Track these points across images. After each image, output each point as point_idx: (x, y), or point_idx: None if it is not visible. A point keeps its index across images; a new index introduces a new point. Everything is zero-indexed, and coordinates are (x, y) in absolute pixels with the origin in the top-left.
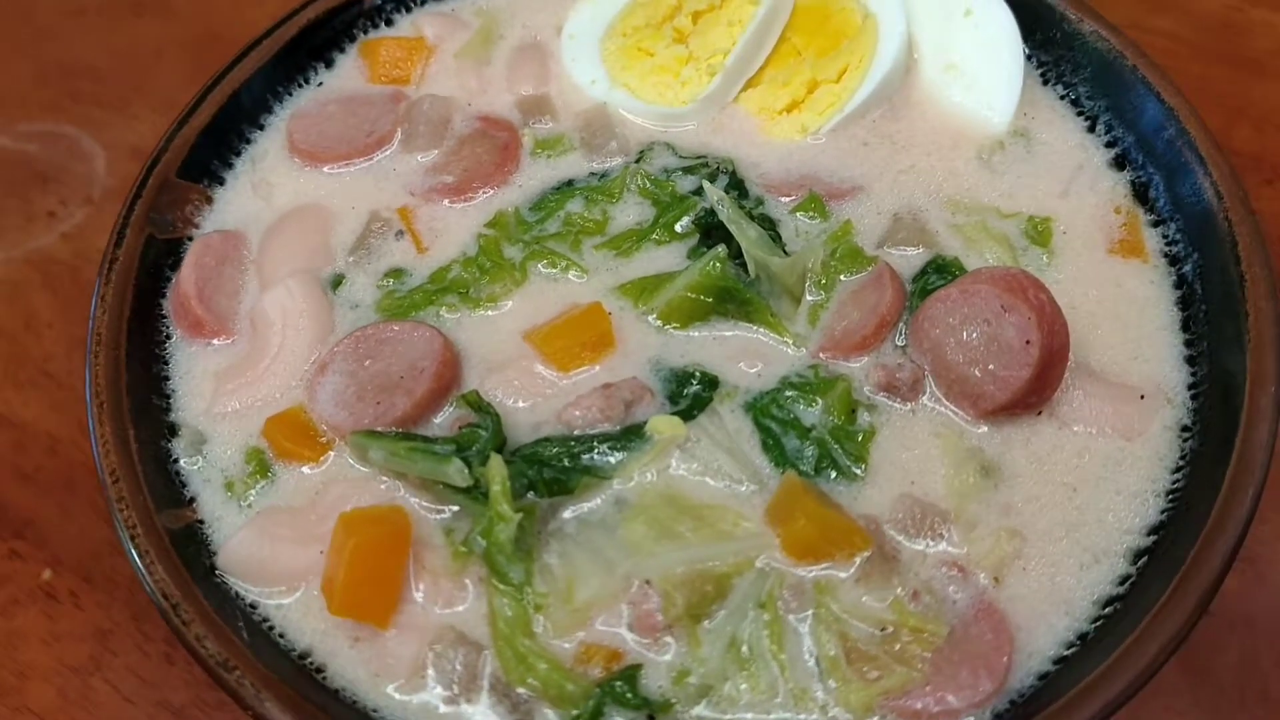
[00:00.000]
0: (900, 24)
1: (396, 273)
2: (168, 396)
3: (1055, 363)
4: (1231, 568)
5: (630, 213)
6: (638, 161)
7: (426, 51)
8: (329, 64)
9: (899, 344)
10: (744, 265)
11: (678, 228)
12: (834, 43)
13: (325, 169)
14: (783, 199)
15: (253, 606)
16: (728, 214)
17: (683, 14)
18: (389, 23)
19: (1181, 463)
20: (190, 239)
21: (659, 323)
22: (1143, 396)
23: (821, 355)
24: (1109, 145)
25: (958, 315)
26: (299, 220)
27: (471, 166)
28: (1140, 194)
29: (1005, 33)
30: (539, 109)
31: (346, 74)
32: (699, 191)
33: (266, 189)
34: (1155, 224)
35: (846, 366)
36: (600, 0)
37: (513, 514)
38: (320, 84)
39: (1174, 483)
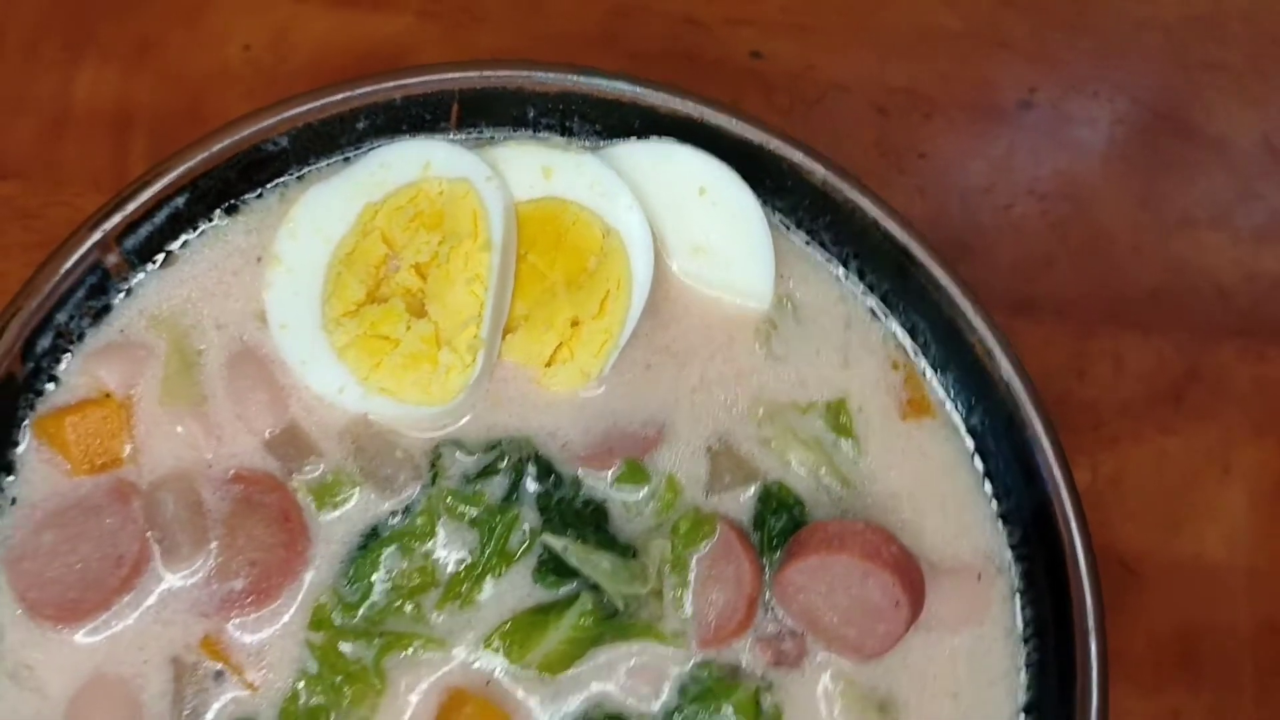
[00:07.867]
0: (645, 233)
1: None
2: None
3: (921, 603)
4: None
5: (453, 547)
6: (433, 481)
7: (122, 409)
8: (8, 468)
9: (767, 606)
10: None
11: (508, 548)
12: (579, 260)
13: (86, 627)
14: (601, 472)
15: None
16: (577, 560)
17: (400, 265)
18: (54, 379)
19: (1028, 632)
20: None
21: (542, 675)
22: (980, 576)
23: (704, 649)
24: (869, 290)
25: (823, 583)
26: (95, 709)
27: (260, 557)
28: (915, 339)
29: (743, 202)
30: (295, 446)
31: (39, 474)
32: (514, 492)
33: (31, 677)
34: (937, 369)
35: (732, 654)
36: (294, 267)
37: None
38: (14, 500)
39: (1028, 657)
